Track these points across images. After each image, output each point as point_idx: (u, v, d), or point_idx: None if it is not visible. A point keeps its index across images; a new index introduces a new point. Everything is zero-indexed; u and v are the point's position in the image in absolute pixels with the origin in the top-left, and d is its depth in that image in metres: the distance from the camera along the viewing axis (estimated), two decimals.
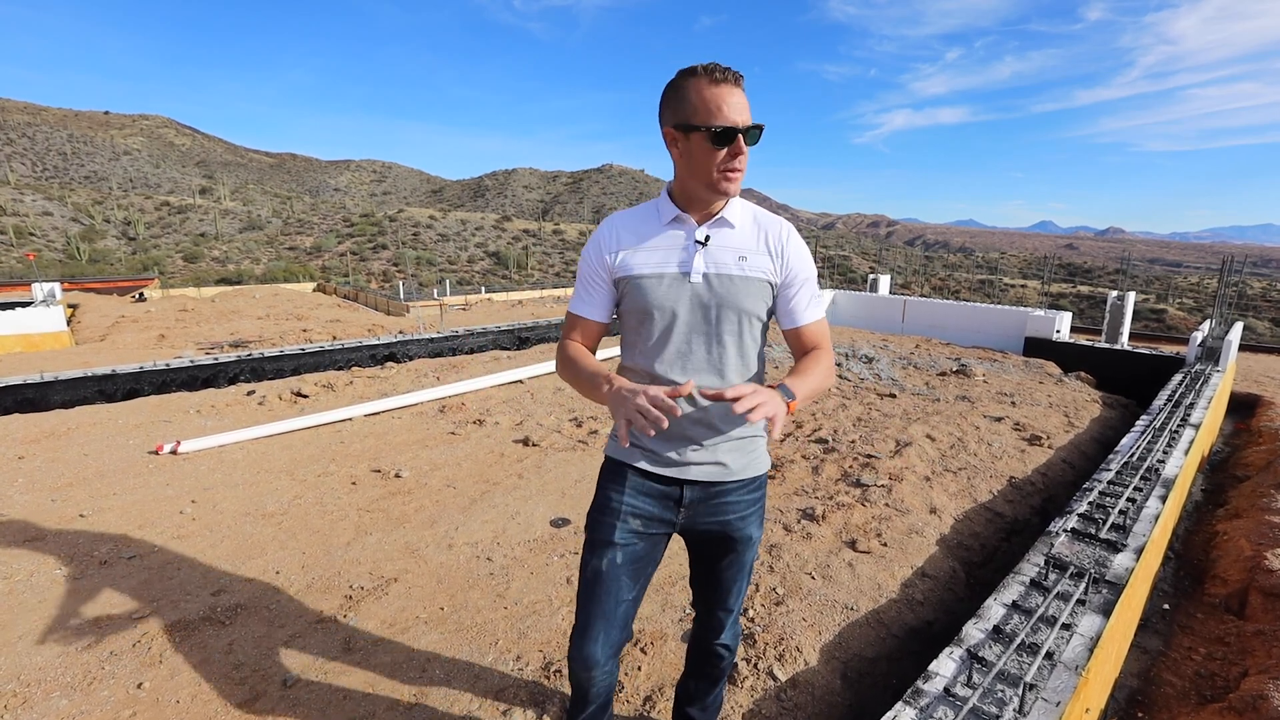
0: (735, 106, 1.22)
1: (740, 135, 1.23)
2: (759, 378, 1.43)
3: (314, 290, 25.49)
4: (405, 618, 2.44)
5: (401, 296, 20.97)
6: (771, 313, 1.43)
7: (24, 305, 12.74)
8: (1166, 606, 3.03)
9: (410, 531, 3.13)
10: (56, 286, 14.48)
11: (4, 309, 10.23)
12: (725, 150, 1.24)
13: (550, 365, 6.77)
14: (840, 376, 6.67)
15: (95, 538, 3.05)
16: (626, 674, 2.13)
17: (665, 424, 1.13)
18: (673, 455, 1.39)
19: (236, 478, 3.83)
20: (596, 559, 1.41)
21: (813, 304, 1.42)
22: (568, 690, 2.05)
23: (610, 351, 6.40)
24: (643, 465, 1.40)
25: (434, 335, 8.27)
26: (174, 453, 4.17)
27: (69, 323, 12.55)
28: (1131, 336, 10.63)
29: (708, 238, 1.34)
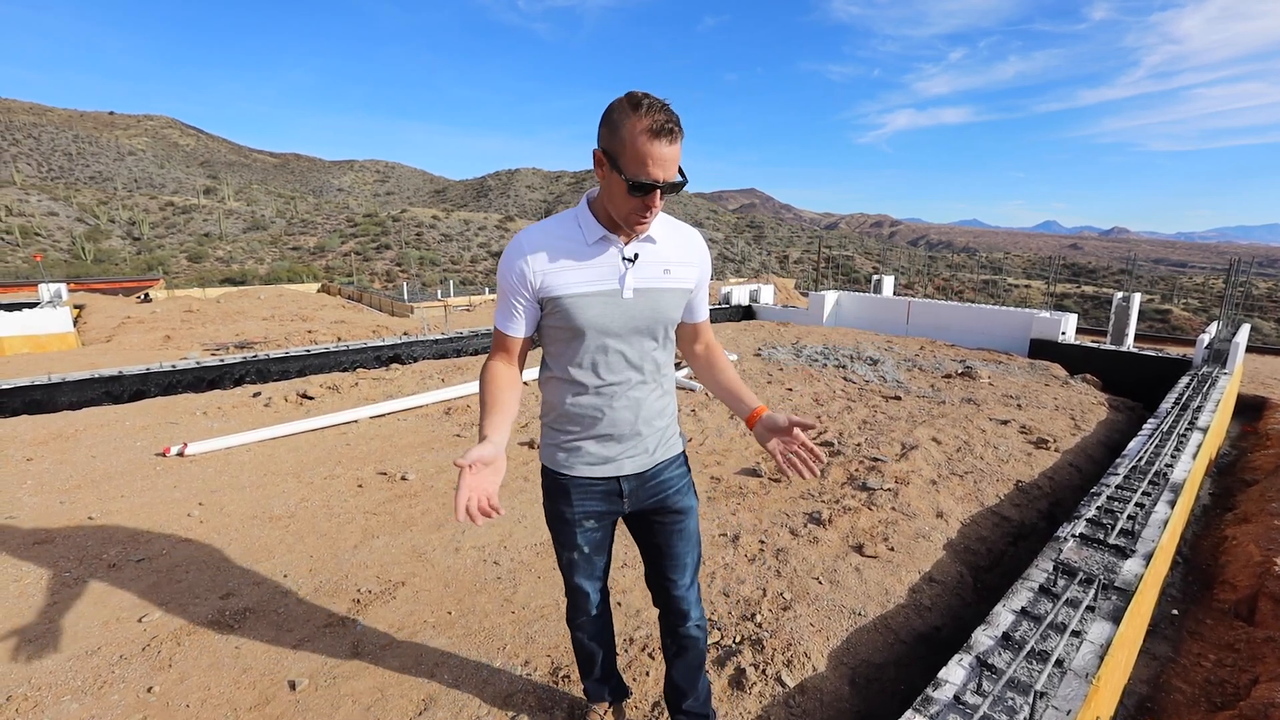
0: (663, 162, 1.21)
1: (658, 189, 1.24)
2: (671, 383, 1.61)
3: (318, 291, 25.57)
4: (413, 622, 2.44)
5: (405, 297, 21.01)
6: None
7: (31, 306, 12.79)
8: (1175, 612, 3.02)
9: (417, 535, 3.13)
10: (63, 287, 14.55)
11: (11, 310, 10.28)
12: (640, 200, 1.26)
13: None
14: (845, 379, 6.66)
15: (104, 540, 3.06)
16: (635, 680, 2.13)
17: (479, 523, 1.23)
18: (606, 455, 1.49)
19: (243, 480, 3.84)
20: (567, 552, 1.61)
21: (707, 300, 1.61)
22: (576, 694, 2.06)
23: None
24: (581, 472, 1.51)
25: (438, 336, 8.28)
26: (181, 455, 4.19)
27: (75, 323, 12.60)
28: (1137, 338, 10.59)
29: (636, 255, 1.39)
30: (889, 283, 11.93)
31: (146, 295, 19.56)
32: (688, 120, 1.29)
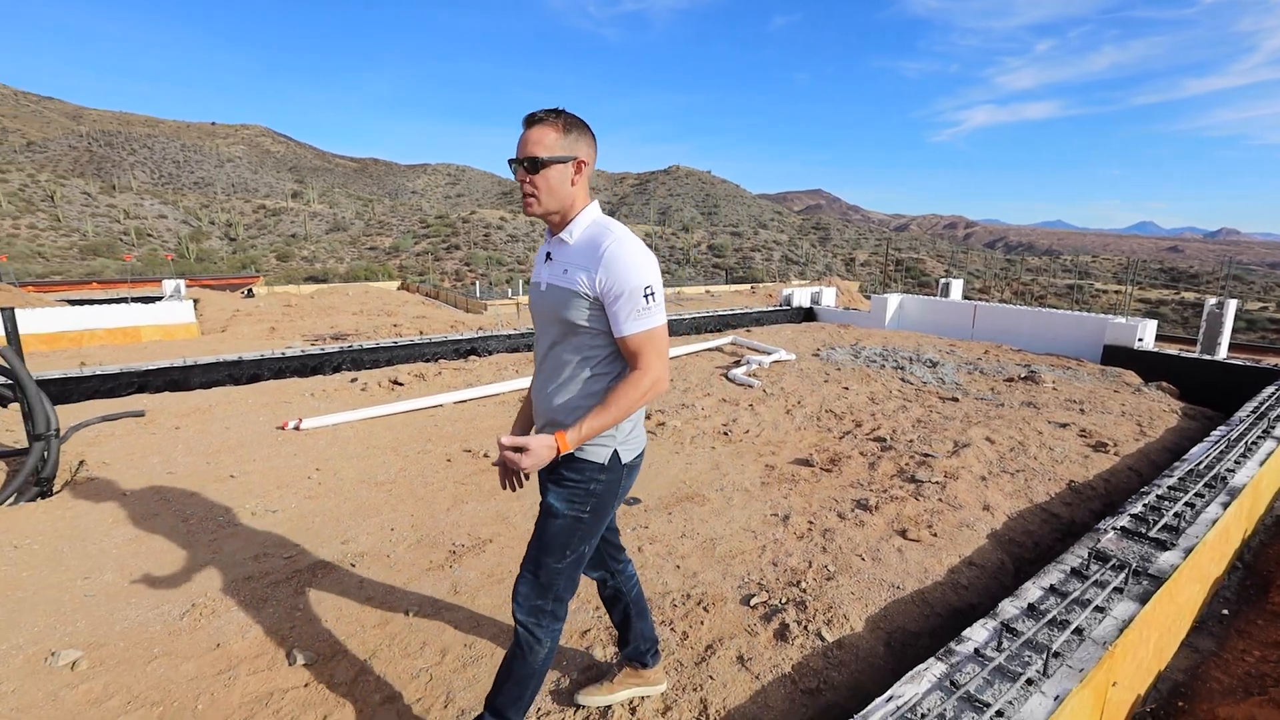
0: (521, 144, 1.49)
1: (521, 166, 1.48)
2: (596, 388, 1.59)
3: (398, 289, 27.14)
4: (500, 571, 2.85)
5: (479, 295, 22.06)
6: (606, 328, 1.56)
7: (156, 299, 14.38)
8: (1226, 612, 3.06)
9: (501, 502, 3.56)
10: (182, 283, 16.22)
11: (145, 302, 11.64)
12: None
13: None
14: (902, 380, 6.73)
15: (244, 494, 3.65)
16: (690, 627, 2.44)
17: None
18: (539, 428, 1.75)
19: (350, 451, 4.40)
20: None
21: (635, 316, 1.49)
22: None
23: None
24: None
25: (511, 332, 8.84)
26: (297, 429, 4.82)
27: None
28: (1233, 347, 9.96)
29: (549, 254, 1.62)
30: (957, 286, 11.70)
31: (250, 291, 21.45)
32: (751, 123, 1.55)
